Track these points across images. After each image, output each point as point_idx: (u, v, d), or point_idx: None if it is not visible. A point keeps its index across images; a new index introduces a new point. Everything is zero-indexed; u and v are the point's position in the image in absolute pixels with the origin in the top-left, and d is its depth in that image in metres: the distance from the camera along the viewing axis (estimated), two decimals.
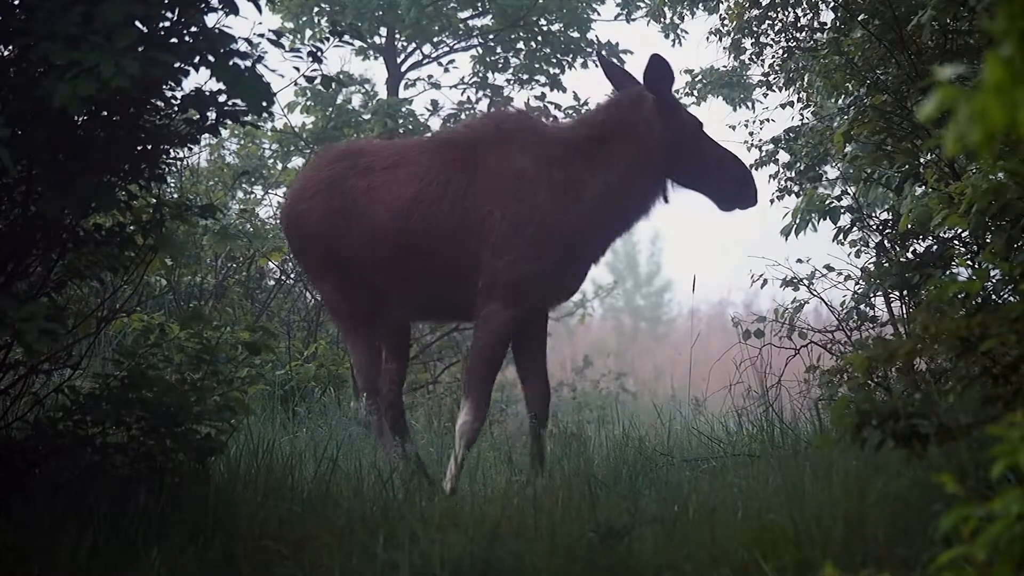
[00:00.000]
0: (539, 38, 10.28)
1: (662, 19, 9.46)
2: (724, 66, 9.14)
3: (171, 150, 3.86)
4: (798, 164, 7.15)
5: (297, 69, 3.91)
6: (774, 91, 7.67)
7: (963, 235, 4.84)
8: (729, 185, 4.95)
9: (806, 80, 7.14)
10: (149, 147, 3.74)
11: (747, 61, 7.61)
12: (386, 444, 4.70)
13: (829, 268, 5.84)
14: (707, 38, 7.71)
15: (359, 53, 10.40)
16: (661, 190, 4.95)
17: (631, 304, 28.27)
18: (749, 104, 9.41)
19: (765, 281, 5.98)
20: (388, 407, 4.81)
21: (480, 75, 10.40)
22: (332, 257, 4.73)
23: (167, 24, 3.43)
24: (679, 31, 9.74)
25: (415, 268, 4.73)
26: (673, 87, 5.00)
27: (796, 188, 7.32)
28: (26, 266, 3.76)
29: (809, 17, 6.46)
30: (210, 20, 3.50)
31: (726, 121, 8.30)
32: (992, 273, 3.89)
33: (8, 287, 3.63)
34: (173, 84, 3.58)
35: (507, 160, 4.73)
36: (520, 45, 10.37)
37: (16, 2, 3.37)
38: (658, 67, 4.89)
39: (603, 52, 10.23)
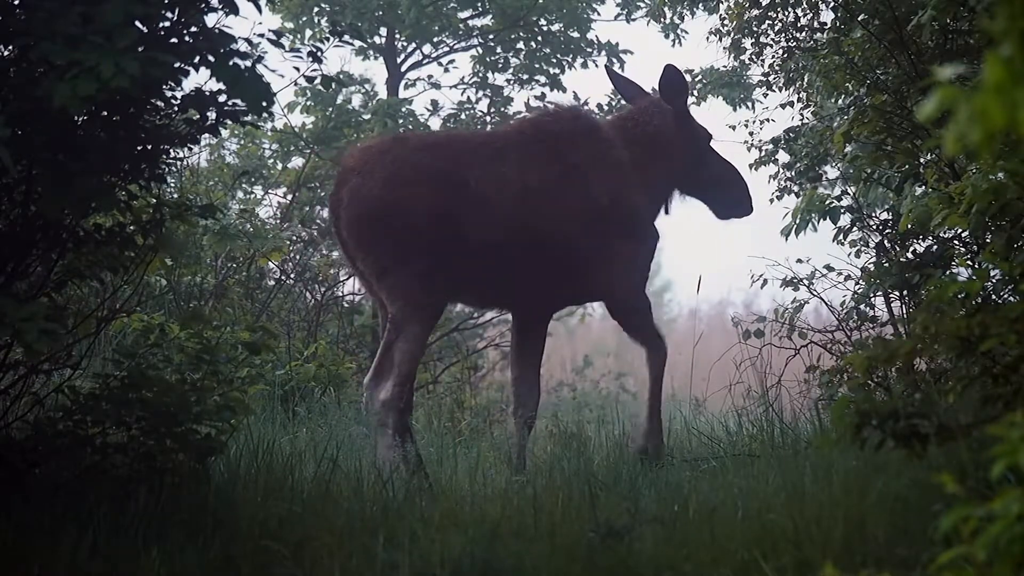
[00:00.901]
0: (539, 38, 10.27)
1: (662, 19, 9.45)
2: (724, 66, 9.14)
3: (171, 150, 3.86)
4: (798, 164, 7.15)
5: (297, 69, 3.91)
6: (774, 91, 7.67)
7: (963, 235, 4.84)
8: (730, 196, 5.27)
9: (806, 80, 7.14)
10: (149, 147, 3.74)
11: (747, 61, 7.61)
12: (397, 442, 4.69)
13: (829, 268, 5.84)
14: (707, 38, 7.71)
15: (359, 53, 10.39)
16: (669, 200, 5.22)
17: None
18: (749, 104, 9.42)
19: (765, 281, 5.98)
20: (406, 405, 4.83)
21: (480, 75, 10.39)
22: (431, 245, 4.70)
23: (167, 24, 3.43)
24: (679, 31, 9.74)
25: (529, 255, 4.82)
26: (688, 97, 5.23)
27: (796, 188, 7.32)
28: (26, 266, 3.76)
29: (809, 17, 6.46)
30: (210, 20, 3.51)
31: (726, 121, 8.31)
32: (992, 273, 3.89)
33: (8, 287, 3.63)
34: (173, 84, 3.58)
35: (610, 158, 5.01)
36: (520, 45, 10.36)
37: (16, 2, 3.37)
38: (673, 78, 5.11)
39: (603, 52, 10.23)
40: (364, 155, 4.85)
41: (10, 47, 3.45)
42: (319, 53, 3.90)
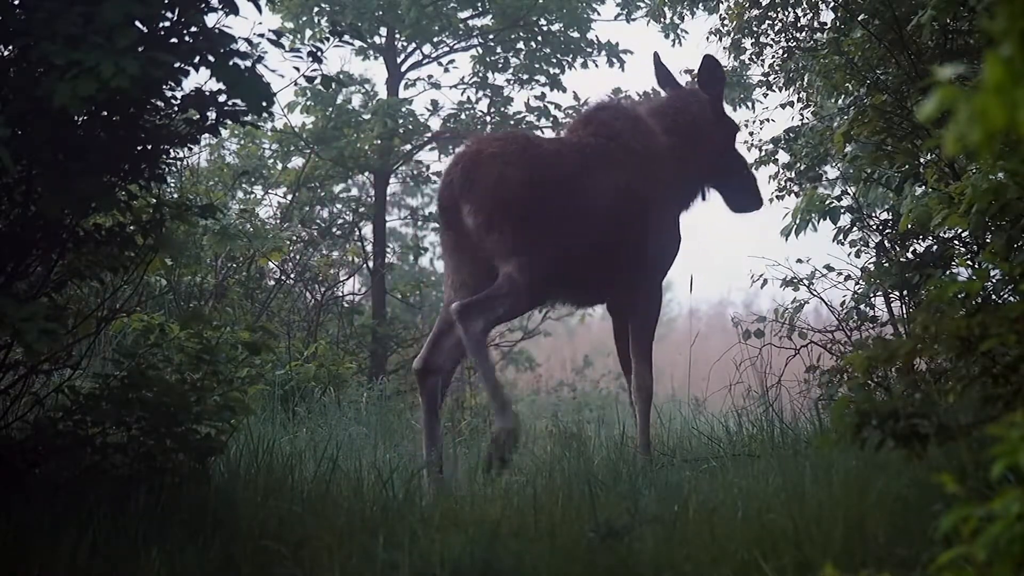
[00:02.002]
0: (539, 38, 10.26)
1: (662, 19, 9.44)
2: (724, 66, 9.12)
3: (171, 150, 3.86)
4: (798, 164, 7.15)
5: (297, 69, 3.91)
6: (774, 91, 7.67)
7: (963, 235, 4.84)
8: (748, 189, 5.44)
9: (806, 80, 7.14)
10: (149, 147, 3.73)
11: (747, 61, 7.61)
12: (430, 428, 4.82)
13: (829, 268, 5.84)
14: (707, 38, 7.72)
15: (359, 53, 10.38)
16: (706, 188, 5.38)
17: None
18: (749, 104, 9.40)
19: (765, 281, 5.98)
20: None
21: (480, 75, 10.39)
22: (554, 241, 4.84)
23: (167, 24, 3.43)
24: (679, 31, 9.73)
25: (612, 253, 4.99)
26: (724, 87, 5.39)
27: (796, 188, 7.32)
28: (26, 266, 3.76)
29: (809, 17, 6.46)
30: (210, 20, 3.50)
31: None
32: (992, 273, 3.89)
33: (8, 287, 3.63)
34: (173, 84, 3.58)
35: (656, 158, 5.19)
36: (520, 45, 10.36)
37: (16, 2, 3.37)
38: (712, 68, 5.31)
39: (603, 52, 10.23)
40: (503, 145, 4.96)
41: (10, 47, 3.45)
42: (319, 53, 3.90)
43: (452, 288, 4.94)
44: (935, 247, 5.06)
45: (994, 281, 3.96)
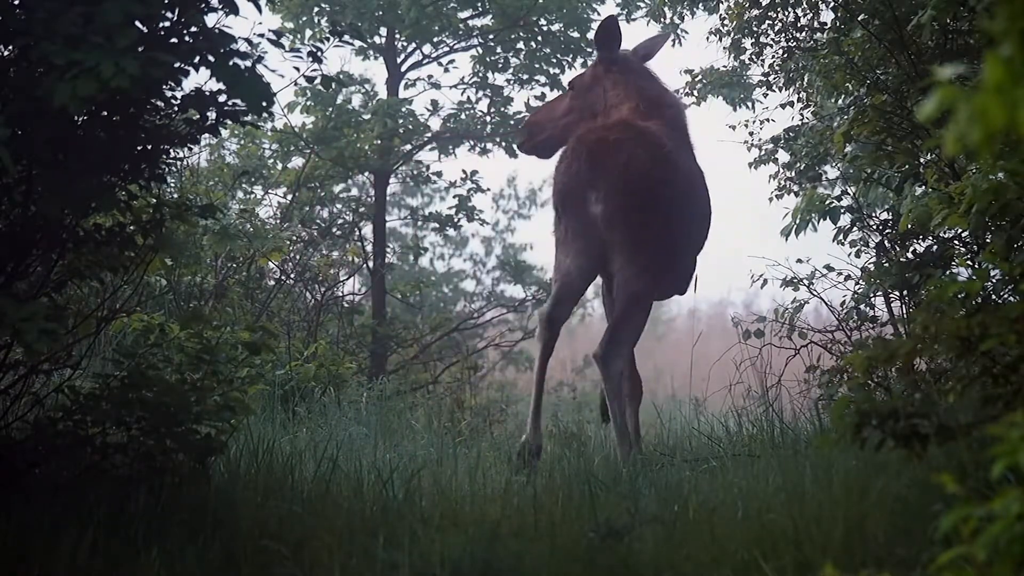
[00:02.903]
0: (539, 38, 10.26)
1: (662, 19, 9.44)
2: (724, 66, 9.12)
3: (171, 150, 3.86)
4: (798, 164, 7.15)
5: (297, 69, 3.91)
6: (774, 91, 7.68)
7: (963, 235, 4.84)
8: None
9: (806, 80, 7.14)
10: (149, 147, 3.73)
11: (747, 61, 7.62)
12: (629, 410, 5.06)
13: (829, 268, 5.84)
14: (707, 38, 7.73)
15: (359, 53, 10.38)
16: None
17: None
18: (749, 104, 9.39)
19: (765, 281, 5.98)
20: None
21: (480, 75, 10.38)
22: (669, 232, 5.00)
23: (167, 24, 3.43)
24: (679, 31, 9.72)
25: (686, 238, 5.20)
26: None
27: (796, 188, 7.33)
28: (26, 266, 3.76)
29: (809, 17, 6.46)
30: (210, 20, 3.50)
31: (726, 121, 8.31)
32: (992, 273, 3.89)
33: (8, 287, 3.63)
34: (173, 84, 3.57)
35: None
36: (520, 45, 10.35)
37: (16, 2, 3.37)
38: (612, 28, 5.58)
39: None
40: (623, 131, 5.06)
41: (10, 47, 3.45)
42: (319, 53, 3.90)
43: (571, 256, 5.02)
44: (935, 247, 5.06)
45: (994, 281, 3.96)
